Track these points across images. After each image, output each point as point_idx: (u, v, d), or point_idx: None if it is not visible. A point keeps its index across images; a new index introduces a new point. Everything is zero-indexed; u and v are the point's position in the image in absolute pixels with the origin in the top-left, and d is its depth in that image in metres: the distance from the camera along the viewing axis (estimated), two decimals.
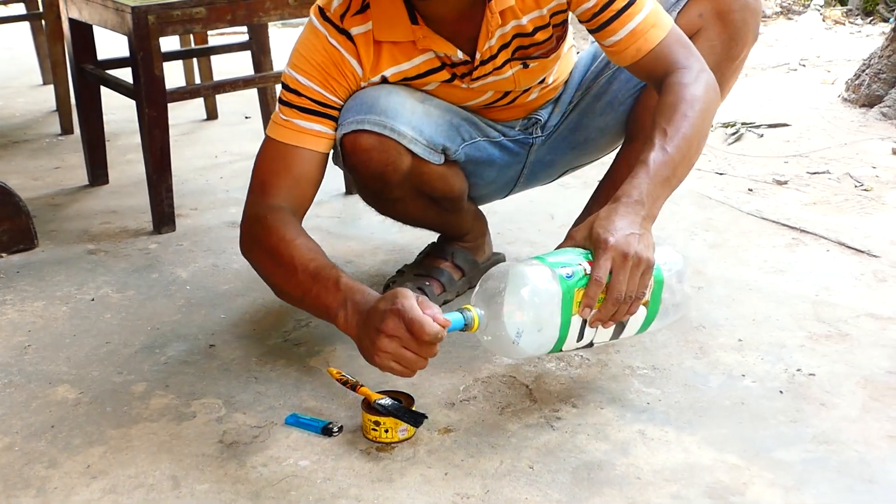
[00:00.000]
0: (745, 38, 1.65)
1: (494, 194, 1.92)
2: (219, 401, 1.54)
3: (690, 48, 1.51)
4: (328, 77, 1.53)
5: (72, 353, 1.71)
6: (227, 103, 3.51)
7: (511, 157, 1.80)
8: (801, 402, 1.48)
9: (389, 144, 1.54)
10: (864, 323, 1.73)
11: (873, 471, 1.31)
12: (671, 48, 1.50)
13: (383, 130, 1.52)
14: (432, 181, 1.65)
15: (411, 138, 1.55)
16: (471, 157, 1.71)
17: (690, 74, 1.47)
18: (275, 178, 1.54)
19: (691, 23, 1.62)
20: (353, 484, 1.31)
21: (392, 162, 1.55)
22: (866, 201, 2.39)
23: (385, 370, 1.29)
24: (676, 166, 1.39)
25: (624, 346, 1.66)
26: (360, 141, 1.53)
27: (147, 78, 2.23)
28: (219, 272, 2.07)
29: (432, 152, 1.59)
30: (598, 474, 1.32)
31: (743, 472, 1.31)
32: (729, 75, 1.68)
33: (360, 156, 1.55)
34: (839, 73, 3.75)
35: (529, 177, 1.88)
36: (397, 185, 1.60)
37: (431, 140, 1.59)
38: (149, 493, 1.31)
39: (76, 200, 2.59)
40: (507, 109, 1.73)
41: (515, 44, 1.57)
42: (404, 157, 1.56)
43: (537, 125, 1.78)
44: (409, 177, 1.60)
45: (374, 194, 1.67)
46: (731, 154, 2.81)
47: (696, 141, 1.42)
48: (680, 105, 1.42)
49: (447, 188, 1.69)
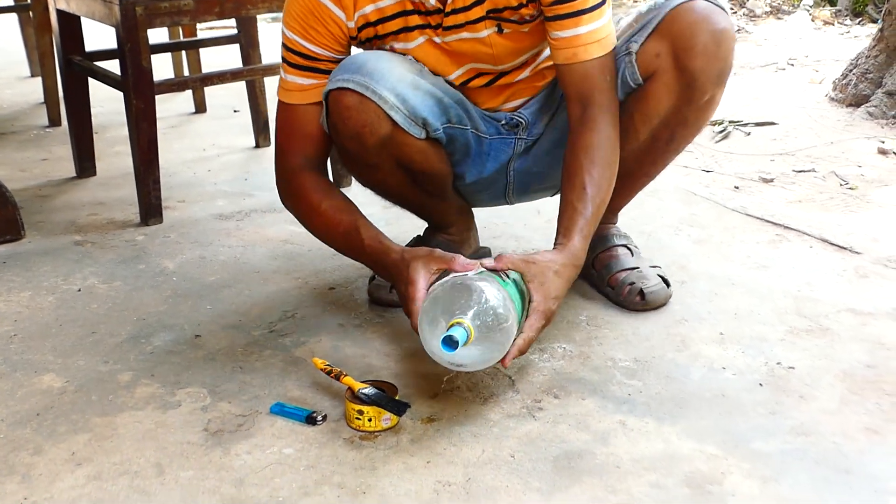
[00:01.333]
0: (704, 87, 1.62)
1: (486, 197, 1.91)
2: (204, 390, 1.55)
3: (613, 83, 1.62)
4: (308, 28, 1.59)
5: (58, 343, 1.72)
6: (216, 97, 3.52)
7: (493, 159, 1.79)
8: (780, 395, 1.50)
9: (370, 106, 1.54)
10: (845, 318, 1.75)
11: (850, 462, 1.33)
12: (600, 72, 1.60)
13: (365, 91, 1.53)
14: (411, 154, 1.65)
15: (392, 104, 1.55)
16: (453, 141, 1.70)
17: (609, 109, 1.61)
18: (288, 140, 1.68)
19: (649, 62, 1.63)
20: (336, 471, 1.32)
21: (370, 124, 1.56)
22: (851, 199, 2.41)
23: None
24: (601, 210, 1.59)
25: (607, 338, 1.68)
26: (342, 98, 1.55)
27: (135, 70, 2.23)
28: (206, 264, 2.07)
29: (413, 123, 1.59)
30: (579, 463, 1.33)
31: (721, 462, 1.33)
32: (694, 118, 1.69)
33: (340, 113, 1.56)
34: (827, 72, 3.78)
35: (520, 185, 1.86)
36: (374, 150, 1.60)
37: (413, 111, 1.59)
38: (133, 480, 1.31)
39: (63, 192, 2.59)
40: (492, 90, 1.73)
41: (489, 3, 1.59)
42: (383, 122, 1.56)
43: (520, 126, 1.79)
44: (388, 145, 1.60)
45: (352, 157, 1.66)
46: (718, 152, 2.83)
47: (612, 185, 1.61)
48: (601, 149, 1.58)
49: (427, 165, 1.69)
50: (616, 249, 1.88)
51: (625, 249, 1.88)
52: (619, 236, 1.90)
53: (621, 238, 1.90)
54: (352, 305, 1.85)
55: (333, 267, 2.02)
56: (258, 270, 2.03)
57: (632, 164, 1.75)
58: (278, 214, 2.38)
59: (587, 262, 1.88)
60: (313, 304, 1.85)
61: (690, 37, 1.58)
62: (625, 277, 1.81)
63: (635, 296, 1.78)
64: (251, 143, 3.04)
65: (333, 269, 2.02)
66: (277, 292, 1.92)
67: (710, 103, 1.68)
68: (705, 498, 1.25)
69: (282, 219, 2.34)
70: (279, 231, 2.26)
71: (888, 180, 2.54)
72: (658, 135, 1.71)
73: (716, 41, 1.59)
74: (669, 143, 1.73)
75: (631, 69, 1.64)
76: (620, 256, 1.86)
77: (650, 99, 1.66)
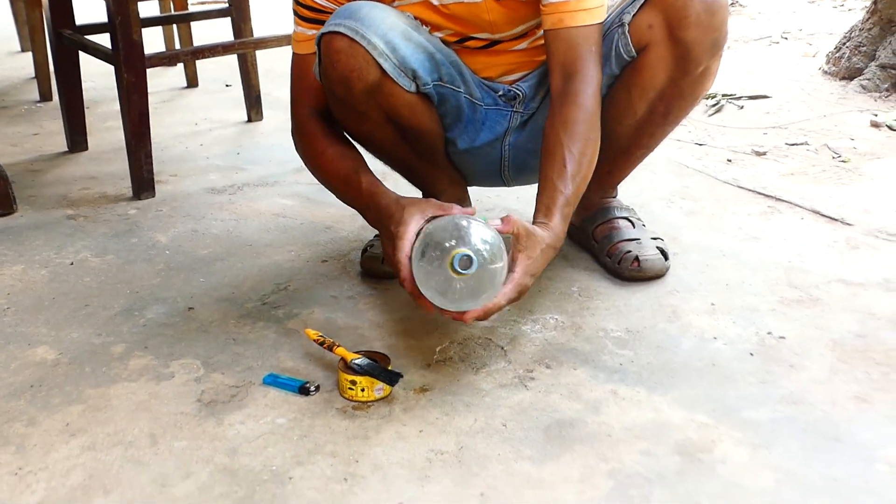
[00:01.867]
0: (699, 58, 1.61)
1: (481, 171, 1.89)
2: (197, 361, 1.55)
3: (599, 56, 1.59)
4: None
5: (51, 316, 1.72)
6: (208, 70, 3.50)
7: (488, 129, 1.79)
8: (770, 364, 1.51)
9: (359, 51, 1.54)
10: (836, 288, 1.76)
11: (839, 430, 1.34)
12: (585, 41, 1.58)
13: (355, 36, 1.53)
14: (399, 107, 1.64)
15: (381, 51, 1.55)
16: (444, 101, 1.70)
17: (592, 83, 1.58)
18: (299, 90, 1.72)
19: (642, 34, 1.62)
20: (329, 441, 1.33)
21: (358, 69, 1.55)
22: (843, 172, 2.41)
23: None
24: (582, 187, 1.56)
25: (599, 309, 1.69)
26: (332, 42, 1.55)
27: (125, 43, 2.22)
28: (198, 237, 2.07)
29: (402, 74, 1.59)
30: (570, 432, 1.34)
31: (712, 430, 1.34)
32: (690, 90, 1.68)
33: (330, 56, 1.56)
34: (821, 46, 3.77)
35: (515, 161, 1.85)
36: (361, 96, 1.59)
37: (403, 61, 1.58)
38: (127, 450, 1.32)
39: (55, 166, 2.59)
40: (490, 55, 1.73)
41: None
42: (371, 68, 1.56)
43: (518, 99, 1.78)
44: (376, 93, 1.59)
45: (340, 103, 1.64)
46: (711, 125, 2.83)
47: (594, 161, 1.58)
48: (581, 123, 1.55)
49: (415, 121, 1.68)
50: (617, 221, 1.88)
51: (626, 221, 1.89)
52: (620, 209, 1.91)
53: (622, 210, 1.91)
54: (344, 277, 1.85)
55: (326, 240, 2.03)
56: (251, 244, 2.03)
57: (630, 138, 1.75)
58: (270, 188, 2.38)
59: (587, 233, 1.90)
60: (306, 277, 1.86)
61: (683, 7, 1.58)
62: (623, 246, 1.82)
63: (631, 262, 1.79)
64: (243, 117, 3.03)
65: (326, 241, 2.02)
66: (270, 265, 1.92)
67: (706, 74, 1.67)
68: (695, 466, 1.26)
69: (274, 192, 2.34)
70: (271, 204, 2.26)
71: (880, 153, 2.54)
72: (654, 108, 1.70)
73: (709, 11, 1.58)
74: (666, 115, 1.73)
75: (624, 40, 1.64)
76: (622, 228, 1.87)
77: (645, 71, 1.66)
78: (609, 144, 1.65)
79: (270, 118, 3.00)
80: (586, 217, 1.92)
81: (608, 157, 1.69)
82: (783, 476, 1.24)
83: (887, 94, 3.05)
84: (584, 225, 1.91)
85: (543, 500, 1.20)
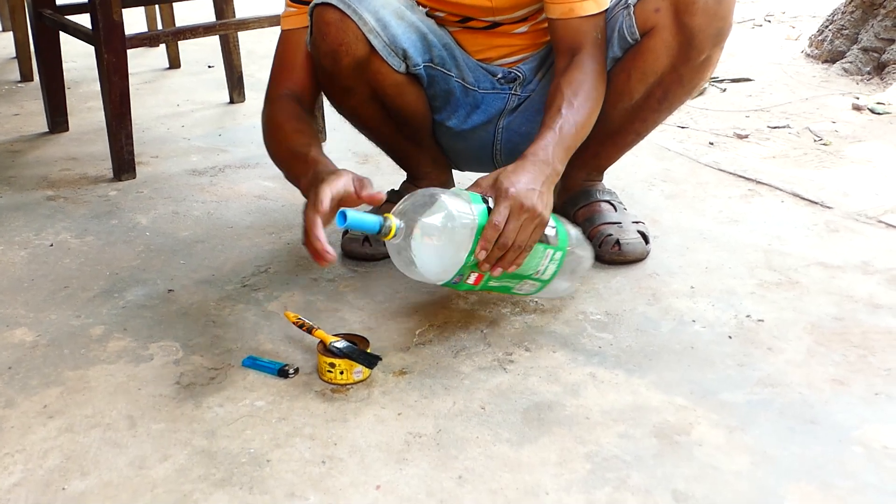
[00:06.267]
0: (702, 46, 1.61)
1: (472, 154, 1.89)
2: (176, 344, 1.55)
3: (604, 41, 1.63)
4: None
5: (30, 297, 1.71)
6: (190, 52, 3.48)
7: (482, 112, 1.78)
8: (748, 347, 1.52)
9: (349, 25, 1.55)
10: (814, 271, 1.76)
11: (815, 412, 1.35)
12: (593, 28, 1.61)
13: (346, 9, 1.54)
14: (386, 86, 1.64)
15: (371, 28, 1.55)
16: (434, 84, 1.69)
17: (598, 60, 1.61)
18: (279, 69, 1.69)
19: (647, 17, 1.62)
20: (307, 423, 1.33)
21: (346, 43, 1.56)
22: (824, 155, 2.42)
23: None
24: (577, 134, 1.53)
25: (578, 292, 1.69)
26: (324, 14, 1.56)
27: (106, 23, 2.20)
28: (179, 219, 2.06)
29: (391, 53, 1.59)
30: (549, 414, 1.34)
31: (689, 412, 1.35)
32: (689, 78, 1.67)
33: (320, 28, 1.57)
34: (804, 29, 3.78)
35: (507, 144, 1.84)
36: (348, 71, 1.60)
37: (394, 40, 1.58)
38: (105, 432, 1.32)
39: (35, 147, 2.57)
40: (492, 37, 1.72)
41: None
42: (360, 43, 1.56)
43: (517, 81, 1.78)
44: (364, 70, 1.60)
45: (328, 76, 1.64)
46: (694, 108, 2.83)
47: (592, 117, 1.58)
48: (585, 83, 1.56)
49: (402, 101, 1.68)
50: (599, 204, 1.88)
51: (608, 205, 1.88)
52: (602, 192, 1.91)
53: (605, 194, 1.91)
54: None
55: None
56: (231, 226, 2.02)
57: (621, 122, 1.75)
58: (252, 170, 2.37)
59: (569, 215, 1.89)
60: (286, 259, 1.85)
61: None
62: (604, 230, 1.82)
63: (612, 245, 1.79)
64: (225, 98, 3.01)
65: None
66: (250, 247, 1.91)
67: (707, 63, 1.67)
68: (673, 448, 1.27)
69: (255, 174, 2.33)
70: (253, 187, 2.25)
71: (862, 136, 2.55)
72: (652, 93, 1.70)
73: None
74: (662, 101, 1.72)
75: (629, 21, 1.64)
76: (603, 211, 1.87)
77: (647, 55, 1.65)
78: (600, 127, 1.64)
79: (253, 100, 2.99)
80: (568, 199, 1.92)
81: (597, 139, 1.69)
82: (759, 458, 1.25)
83: (869, 77, 3.06)
84: (565, 207, 1.91)
85: (521, 483, 1.21)
